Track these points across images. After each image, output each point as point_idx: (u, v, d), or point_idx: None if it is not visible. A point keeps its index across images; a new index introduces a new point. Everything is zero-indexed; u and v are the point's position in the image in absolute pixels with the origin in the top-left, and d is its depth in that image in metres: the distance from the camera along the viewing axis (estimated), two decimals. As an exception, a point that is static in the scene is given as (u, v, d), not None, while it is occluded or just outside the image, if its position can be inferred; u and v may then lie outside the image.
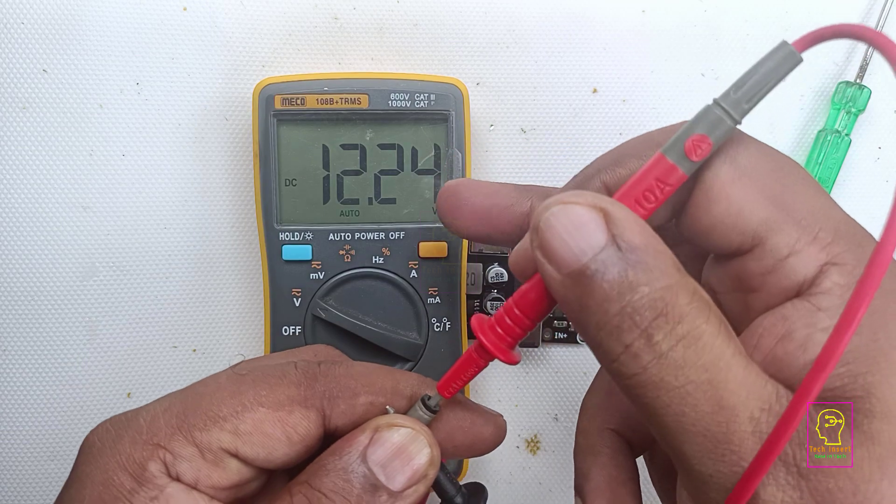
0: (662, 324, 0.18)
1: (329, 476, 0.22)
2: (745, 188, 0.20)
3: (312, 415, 0.23)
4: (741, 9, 0.38)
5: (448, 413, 0.25)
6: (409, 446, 0.23)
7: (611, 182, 0.23)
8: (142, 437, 0.22)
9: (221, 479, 0.22)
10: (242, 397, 0.23)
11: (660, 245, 0.19)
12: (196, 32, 0.36)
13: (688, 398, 0.18)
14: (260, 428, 0.22)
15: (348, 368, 0.25)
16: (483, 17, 0.37)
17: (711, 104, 0.21)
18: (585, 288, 0.19)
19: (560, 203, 0.19)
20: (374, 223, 0.34)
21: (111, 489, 0.21)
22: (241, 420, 0.22)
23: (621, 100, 0.38)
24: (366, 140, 0.34)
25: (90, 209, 0.37)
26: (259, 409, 0.23)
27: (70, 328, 0.37)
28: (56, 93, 0.36)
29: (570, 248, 0.19)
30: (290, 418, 0.23)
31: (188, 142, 0.37)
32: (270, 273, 0.34)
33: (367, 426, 0.23)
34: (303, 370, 0.24)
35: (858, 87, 0.37)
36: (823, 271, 0.19)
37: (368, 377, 0.25)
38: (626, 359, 0.19)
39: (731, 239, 0.21)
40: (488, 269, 0.37)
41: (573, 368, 0.39)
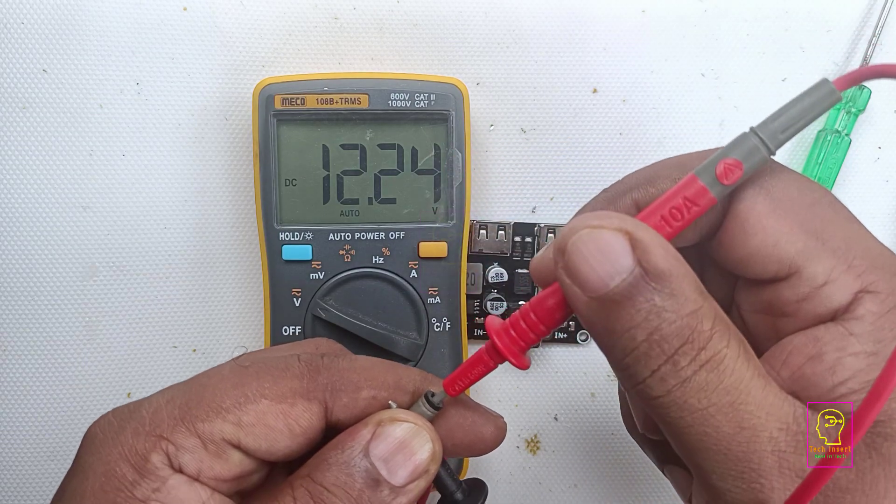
0: (689, 350, 0.19)
1: (331, 470, 0.22)
2: (781, 220, 0.21)
3: (315, 407, 0.23)
4: (741, 9, 0.38)
5: (449, 411, 0.25)
6: (411, 441, 0.23)
7: (642, 201, 0.23)
8: (144, 428, 0.22)
9: (224, 471, 0.22)
10: (245, 389, 0.23)
11: (684, 268, 0.19)
12: (196, 32, 0.36)
13: (710, 420, 0.19)
14: (262, 420, 0.22)
15: (351, 362, 0.25)
16: (483, 17, 0.37)
17: (748, 132, 0.21)
18: (612, 313, 0.19)
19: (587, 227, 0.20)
20: (374, 223, 0.34)
21: (113, 480, 0.21)
22: (243, 412, 0.22)
23: (621, 100, 0.38)
24: (366, 140, 0.34)
25: (90, 209, 0.37)
26: (262, 401, 0.23)
27: (70, 328, 0.37)
28: (56, 93, 0.36)
29: (597, 273, 0.19)
30: (292, 410, 0.23)
31: (188, 142, 0.37)
32: (270, 273, 0.34)
33: (369, 420, 0.23)
34: (306, 363, 0.24)
35: (858, 87, 0.37)
36: (857, 299, 0.20)
37: (371, 371, 0.25)
38: (652, 382, 0.19)
39: (768, 268, 0.21)
40: (488, 269, 0.37)
41: (573, 368, 0.39)
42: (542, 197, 0.38)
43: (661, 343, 0.19)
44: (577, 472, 0.40)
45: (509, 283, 0.38)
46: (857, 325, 0.20)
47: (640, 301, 0.19)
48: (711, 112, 0.38)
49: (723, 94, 0.38)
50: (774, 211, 0.21)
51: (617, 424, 0.40)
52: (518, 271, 0.38)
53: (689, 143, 0.38)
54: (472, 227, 0.37)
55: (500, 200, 0.38)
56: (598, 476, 0.40)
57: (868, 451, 0.19)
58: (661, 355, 0.19)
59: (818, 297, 0.20)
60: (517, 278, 0.38)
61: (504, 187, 0.38)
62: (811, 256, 0.20)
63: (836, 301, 0.20)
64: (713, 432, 0.19)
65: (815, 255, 0.20)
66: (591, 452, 0.40)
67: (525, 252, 0.38)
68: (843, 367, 0.19)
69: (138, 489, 0.21)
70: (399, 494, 0.22)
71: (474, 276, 0.38)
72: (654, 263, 0.19)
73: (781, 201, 0.21)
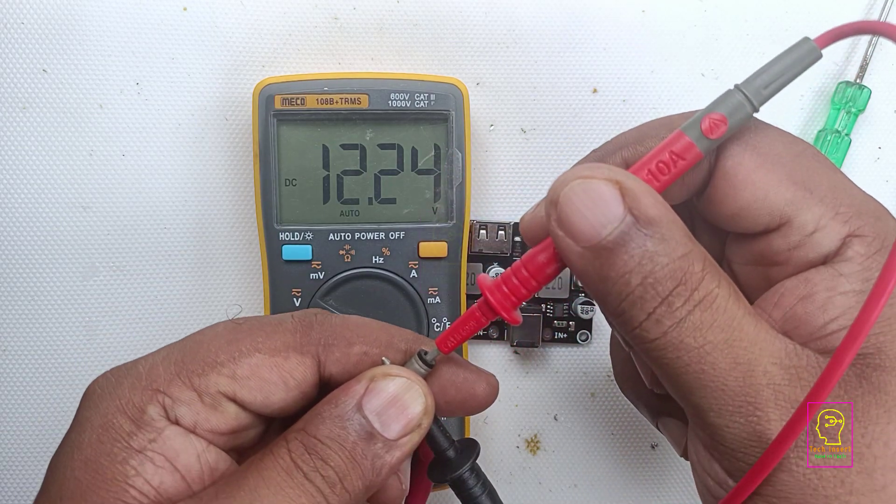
0: (682, 291, 0.19)
1: (325, 423, 0.22)
2: (769, 173, 0.22)
3: (308, 361, 0.24)
4: (741, 9, 0.38)
5: (441, 369, 0.26)
6: (403, 395, 0.23)
7: (631, 159, 0.24)
8: (141, 382, 0.22)
9: (220, 424, 0.23)
10: (240, 344, 0.23)
11: (672, 215, 0.20)
12: (196, 32, 0.36)
13: (706, 357, 0.19)
14: (257, 373, 0.23)
15: (344, 319, 0.25)
16: (483, 17, 0.37)
17: (733, 89, 0.22)
18: (606, 260, 0.20)
19: (578, 178, 0.20)
20: (374, 223, 0.34)
21: (110, 432, 0.22)
22: (238, 365, 0.23)
23: (621, 100, 0.38)
24: (366, 140, 0.34)
25: (90, 209, 0.37)
26: (256, 355, 0.23)
27: (70, 328, 0.37)
28: (56, 93, 0.36)
29: (589, 221, 0.20)
30: (286, 364, 0.23)
31: (188, 142, 0.37)
32: (270, 273, 0.34)
33: (363, 376, 0.23)
34: (299, 319, 0.25)
35: (858, 87, 0.37)
36: (846, 243, 0.21)
37: (364, 328, 0.25)
38: (648, 325, 0.20)
39: (759, 221, 0.22)
40: (488, 270, 0.37)
41: (573, 368, 0.39)
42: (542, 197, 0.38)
43: (656, 286, 0.19)
44: (577, 472, 0.40)
45: (509, 283, 0.38)
46: (846, 266, 0.20)
47: (632, 247, 0.19)
48: (711, 112, 0.38)
49: (723, 94, 0.38)
50: (762, 165, 0.22)
51: (617, 424, 0.40)
52: (518, 271, 0.38)
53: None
54: (472, 227, 0.37)
55: (500, 200, 0.38)
56: (598, 476, 0.40)
57: (858, 380, 0.19)
58: (655, 297, 0.19)
59: (809, 244, 0.21)
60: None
61: (504, 187, 0.38)
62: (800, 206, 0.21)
63: (826, 246, 0.21)
64: (710, 369, 0.19)
65: (804, 205, 0.21)
66: (591, 452, 0.40)
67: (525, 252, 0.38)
68: (834, 305, 0.20)
69: (135, 440, 0.21)
70: (393, 448, 0.22)
71: (474, 276, 0.38)
72: (644, 210, 0.19)
73: (768, 156, 0.22)
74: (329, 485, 0.21)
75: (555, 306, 0.38)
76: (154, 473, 0.21)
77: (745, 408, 0.19)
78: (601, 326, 0.39)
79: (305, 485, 0.21)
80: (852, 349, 0.18)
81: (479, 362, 0.39)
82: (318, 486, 0.21)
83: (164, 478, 0.22)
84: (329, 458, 0.22)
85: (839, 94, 0.38)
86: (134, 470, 0.21)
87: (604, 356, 0.39)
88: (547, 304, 0.38)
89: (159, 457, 0.22)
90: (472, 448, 0.26)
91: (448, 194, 0.34)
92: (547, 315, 0.38)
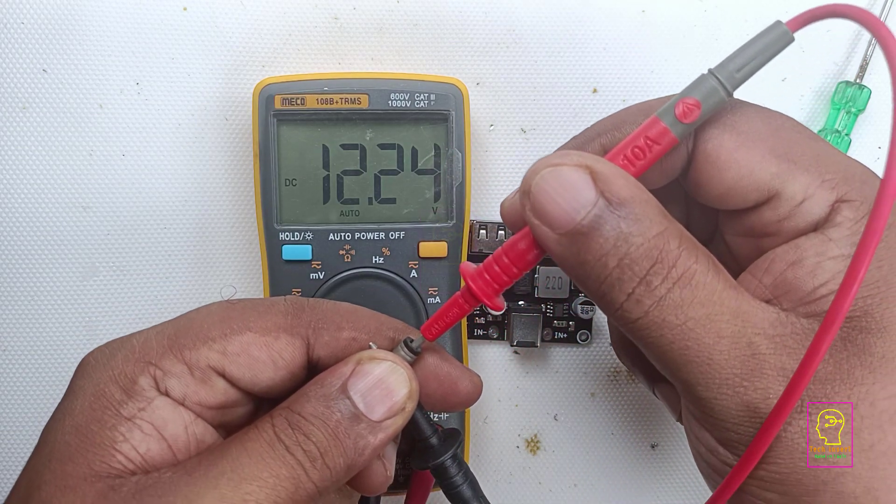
0: (659, 269, 0.20)
1: (310, 402, 0.23)
2: (751, 150, 0.22)
3: (297, 342, 0.24)
4: (741, 9, 0.38)
5: (427, 360, 0.26)
6: (388, 378, 0.24)
7: (609, 145, 0.24)
8: (134, 355, 0.23)
9: (208, 397, 0.23)
10: (232, 322, 0.24)
11: (645, 195, 0.20)
12: (196, 32, 0.36)
13: (690, 333, 0.20)
14: (247, 350, 0.23)
15: (335, 305, 0.26)
16: (483, 17, 0.37)
17: (706, 73, 0.22)
18: (582, 245, 0.20)
19: (549, 166, 0.21)
20: (374, 223, 0.34)
21: (101, 400, 0.22)
22: (229, 342, 0.23)
23: (621, 100, 0.38)
24: (366, 140, 0.34)
25: (90, 209, 0.37)
26: (247, 333, 0.24)
27: (70, 328, 0.37)
28: (56, 93, 0.36)
29: (562, 208, 0.20)
30: (276, 343, 0.24)
31: (188, 142, 0.37)
32: (270, 273, 0.34)
33: (350, 359, 0.24)
34: (291, 302, 0.25)
35: (858, 87, 0.37)
36: (835, 209, 0.21)
37: (354, 314, 0.26)
38: (629, 306, 0.20)
39: (747, 198, 0.22)
40: (488, 269, 0.37)
41: (573, 368, 0.39)
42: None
43: (632, 266, 0.20)
44: (577, 472, 0.40)
45: (509, 283, 0.38)
46: (835, 231, 0.21)
47: (607, 230, 0.20)
48: (711, 112, 0.38)
49: (723, 94, 0.38)
50: (743, 144, 0.22)
51: (617, 424, 0.40)
52: (518, 271, 0.38)
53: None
54: (472, 227, 0.37)
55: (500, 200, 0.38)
56: (598, 476, 0.40)
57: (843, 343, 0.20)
58: (633, 278, 0.20)
59: (798, 213, 0.21)
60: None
61: (504, 187, 0.38)
62: (787, 178, 0.21)
63: (815, 214, 0.21)
64: (694, 345, 0.20)
65: (789, 176, 0.21)
66: (591, 452, 0.40)
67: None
68: (823, 270, 0.20)
69: (125, 408, 0.22)
70: (376, 429, 0.23)
71: (474, 276, 0.38)
72: (616, 192, 0.20)
73: (748, 133, 0.22)
74: (310, 458, 0.22)
75: (555, 306, 0.38)
76: (141, 440, 0.22)
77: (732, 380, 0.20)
78: (601, 326, 0.39)
79: (286, 457, 0.22)
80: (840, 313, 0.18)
81: (479, 362, 0.39)
82: (299, 458, 0.22)
83: (151, 445, 0.22)
84: (311, 433, 0.22)
85: (839, 94, 0.37)
86: (122, 436, 0.22)
87: (604, 356, 0.39)
88: (547, 304, 0.38)
89: (147, 425, 0.22)
90: (454, 437, 0.26)
91: (448, 194, 0.34)
92: (547, 315, 0.38)
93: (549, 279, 0.38)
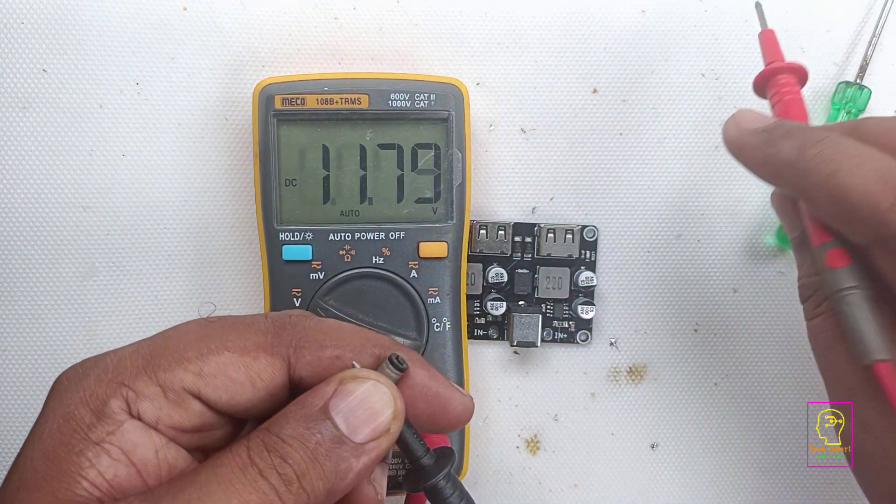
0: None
1: (290, 423, 0.22)
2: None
3: (278, 362, 0.23)
4: (741, 9, 0.38)
5: (415, 378, 0.25)
6: (372, 398, 0.22)
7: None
8: (107, 375, 0.22)
9: (183, 420, 0.22)
10: (209, 342, 0.23)
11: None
12: (196, 32, 0.36)
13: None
14: (224, 371, 0.22)
15: (319, 323, 0.25)
16: (483, 17, 0.37)
17: None
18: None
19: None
20: (374, 223, 0.34)
21: (71, 422, 0.22)
22: (205, 362, 0.22)
23: (621, 100, 0.38)
24: (366, 140, 0.34)
25: (90, 209, 0.37)
26: (224, 353, 0.23)
27: (70, 328, 0.37)
28: (56, 93, 0.36)
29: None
30: (254, 363, 0.23)
31: (188, 142, 0.37)
32: (270, 273, 0.34)
33: (332, 379, 0.23)
34: (272, 320, 0.24)
35: (858, 87, 0.37)
36: None
37: (337, 332, 0.25)
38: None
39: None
40: (488, 269, 0.37)
41: (573, 368, 0.39)
42: (542, 197, 0.38)
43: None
44: (577, 472, 0.40)
45: (509, 283, 0.38)
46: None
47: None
48: (711, 112, 0.38)
49: (723, 94, 0.38)
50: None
51: (617, 424, 0.40)
52: (518, 271, 0.38)
53: (688, 143, 0.38)
54: (472, 227, 0.37)
55: (500, 200, 0.38)
56: (598, 476, 0.40)
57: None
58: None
59: None
60: (517, 278, 0.38)
61: (504, 187, 0.38)
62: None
63: None
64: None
65: None
66: (591, 452, 0.40)
67: (525, 252, 0.38)
68: None
69: (94, 431, 0.21)
70: (360, 452, 0.22)
71: (474, 276, 0.38)
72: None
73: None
74: (285, 482, 0.21)
75: (555, 306, 0.38)
76: (109, 466, 0.21)
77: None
78: (601, 326, 0.39)
79: (258, 482, 0.21)
80: None
81: (479, 362, 0.39)
82: (273, 483, 0.21)
83: (119, 471, 0.21)
84: (289, 456, 0.21)
85: (839, 94, 0.37)
86: (89, 461, 0.21)
87: (604, 356, 0.39)
88: (547, 304, 0.38)
89: (116, 450, 0.21)
90: (447, 457, 0.25)
91: (448, 194, 0.34)
92: (547, 315, 0.38)
93: (549, 279, 0.38)
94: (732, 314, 0.39)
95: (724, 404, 0.39)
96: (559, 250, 0.38)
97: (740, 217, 0.39)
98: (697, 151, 0.38)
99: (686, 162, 0.38)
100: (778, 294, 0.39)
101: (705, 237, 0.39)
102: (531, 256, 0.38)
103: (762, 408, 0.39)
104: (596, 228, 0.38)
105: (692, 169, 0.38)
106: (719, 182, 0.38)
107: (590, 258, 0.38)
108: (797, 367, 0.39)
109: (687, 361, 0.39)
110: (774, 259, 0.39)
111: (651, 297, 0.39)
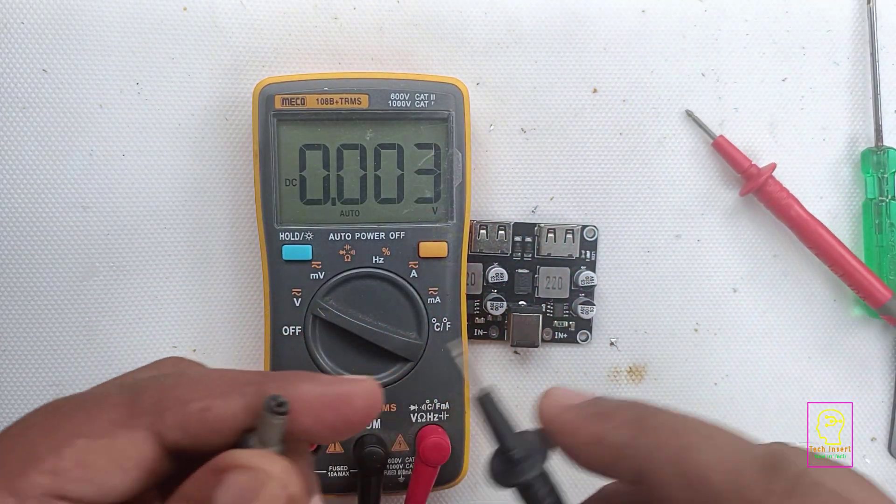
0: None
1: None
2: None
3: (140, 435, 0.20)
4: (741, 9, 0.38)
5: (309, 395, 0.22)
6: (259, 490, 0.19)
7: None
8: None
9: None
10: (59, 431, 0.20)
11: None
12: (196, 32, 0.36)
13: None
14: (83, 462, 0.20)
15: (178, 377, 0.22)
16: (483, 17, 0.37)
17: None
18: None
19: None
20: (374, 223, 0.34)
21: None
22: (59, 457, 0.20)
23: (621, 100, 0.38)
24: (366, 140, 0.34)
25: (90, 209, 0.37)
26: (77, 441, 0.20)
27: (69, 328, 0.37)
28: (56, 93, 0.36)
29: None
30: (115, 444, 0.20)
31: (188, 142, 0.37)
32: (270, 273, 0.34)
33: (208, 466, 0.20)
34: (127, 387, 0.21)
35: (881, 151, 0.37)
36: None
37: (201, 381, 0.22)
38: None
39: None
40: (488, 269, 0.37)
41: (573, 368, 0.39)
42: (542, 197, 0.38)
43: None
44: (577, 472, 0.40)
45: (509, 283, 0.38)
46: None
47: None
48: (711, 112, 0.38)
49: (723, 94, 0.38)
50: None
51: (617, 424, 0.39)
52: (518, 271, 0.38)
53: (689, 144, 0.38)
54: (472, 227, 0.37)
55: (500, 200, 0.38)
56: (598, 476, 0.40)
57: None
58: None
59: None
60: (517, 278, 0.38)
61: (504, 187, 0.38)
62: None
63: None
64: None
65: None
66: (591, 452, 0.40)
67: (525, 252, 0.38)
68: None
69: None
70: None
71: (474, 276, 0.38)
72: None
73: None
74: None
75: (555, 306, 0.38)
76: None
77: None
78: (601, 326, 0.39)
79: None
80: None
81: (479, 362, 0.39)
82: None
83: None
84: None
85: (867, 162, 0.38)
86: None
87: (604, 356, 0.39)
88: (547, 304, 0.38)
89: None
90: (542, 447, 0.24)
91: (448, 194, 0.34)
92: (547, 315, 0.38)
93: (549, 279, 0.38)
94: (732, 314, 0.39)
95: (724, 404, 0.39)
96: (559, 250, 0.38)
97: (740, 217, 0.39)
98: (697, 151, 0.38)
99: (686, 162, 0.38)
100: (778, 294, 0.39)
101: (705, 237, 0.39)
102: (531, 256, 0.38)
103: (762, 408, 0.39)
104: (596, 228, 0.38)
105: (692, 169, 0.38)
106: (719, 182, 0.38)
107: (590, 258, 0.38)
108: (797, 367, 0.39)
109: (687, 361, 0.39)
110: (775, 260, 0.39)
111: (651, 296, 0.39)
